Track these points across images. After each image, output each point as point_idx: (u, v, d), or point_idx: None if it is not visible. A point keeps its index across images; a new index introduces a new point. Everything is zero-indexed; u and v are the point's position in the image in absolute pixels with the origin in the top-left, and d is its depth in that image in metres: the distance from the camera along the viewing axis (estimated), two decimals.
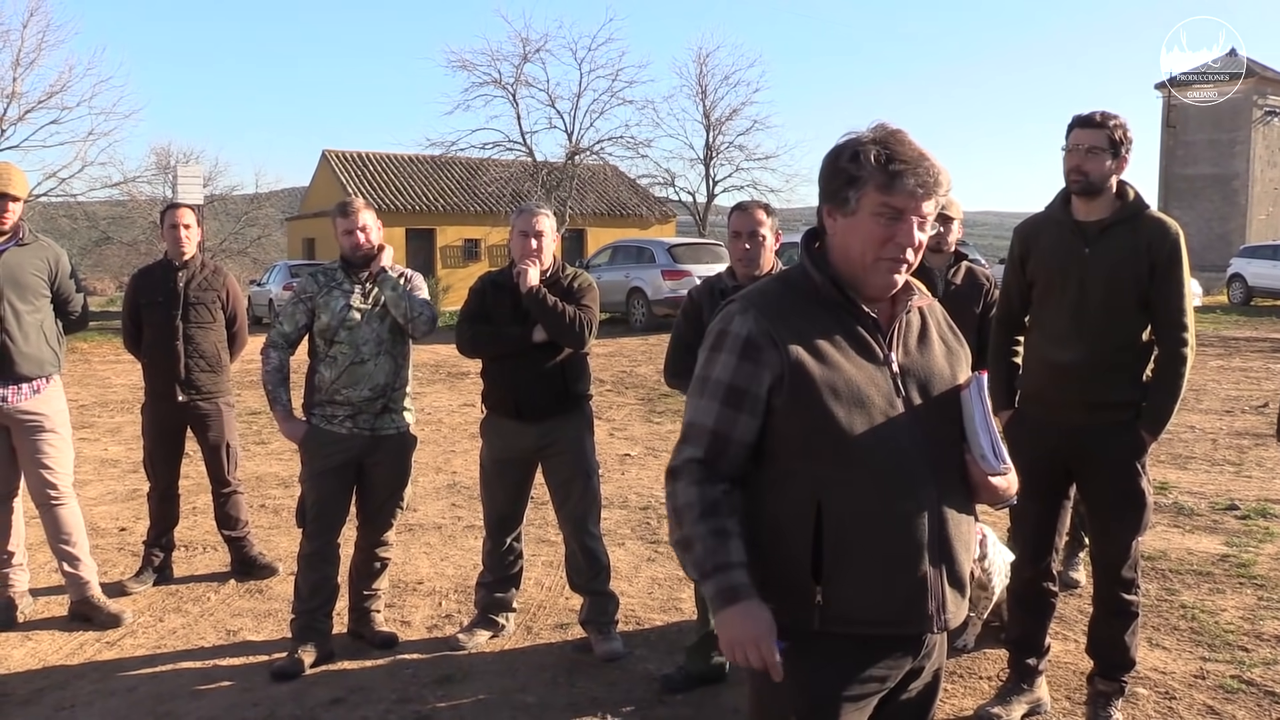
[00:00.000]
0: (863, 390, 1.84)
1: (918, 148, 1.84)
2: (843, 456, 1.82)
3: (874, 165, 1.81)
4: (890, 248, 1.84)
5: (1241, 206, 35.90)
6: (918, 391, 1.89)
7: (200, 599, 4.94)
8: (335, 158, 36.12)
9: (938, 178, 1.83)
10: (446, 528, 6.15)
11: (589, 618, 4.27)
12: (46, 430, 4.43)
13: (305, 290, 4.17)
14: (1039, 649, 3.65)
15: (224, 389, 5.20)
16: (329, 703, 3.77)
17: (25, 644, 4.35)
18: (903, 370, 1.90)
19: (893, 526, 1.83)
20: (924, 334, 1.97)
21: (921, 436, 1.86)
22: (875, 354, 1.88)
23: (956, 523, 1.89)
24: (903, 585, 1.84)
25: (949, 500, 1.88)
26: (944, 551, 1.86)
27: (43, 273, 4.42)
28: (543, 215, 4.18)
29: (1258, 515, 6.02)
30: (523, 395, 4.10)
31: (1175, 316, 3.34)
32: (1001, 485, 1.91)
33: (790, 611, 1.84)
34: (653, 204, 37.65)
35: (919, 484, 1.85)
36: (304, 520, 4.16)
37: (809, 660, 1.86)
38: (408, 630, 4.47)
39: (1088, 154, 3.31)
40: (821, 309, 1.90)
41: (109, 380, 13.91)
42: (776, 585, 1.86)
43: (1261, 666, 3.95)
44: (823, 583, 1.82)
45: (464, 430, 9.36)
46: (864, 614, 1.84)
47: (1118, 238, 3.35)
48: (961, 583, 1.91)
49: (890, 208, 1.82)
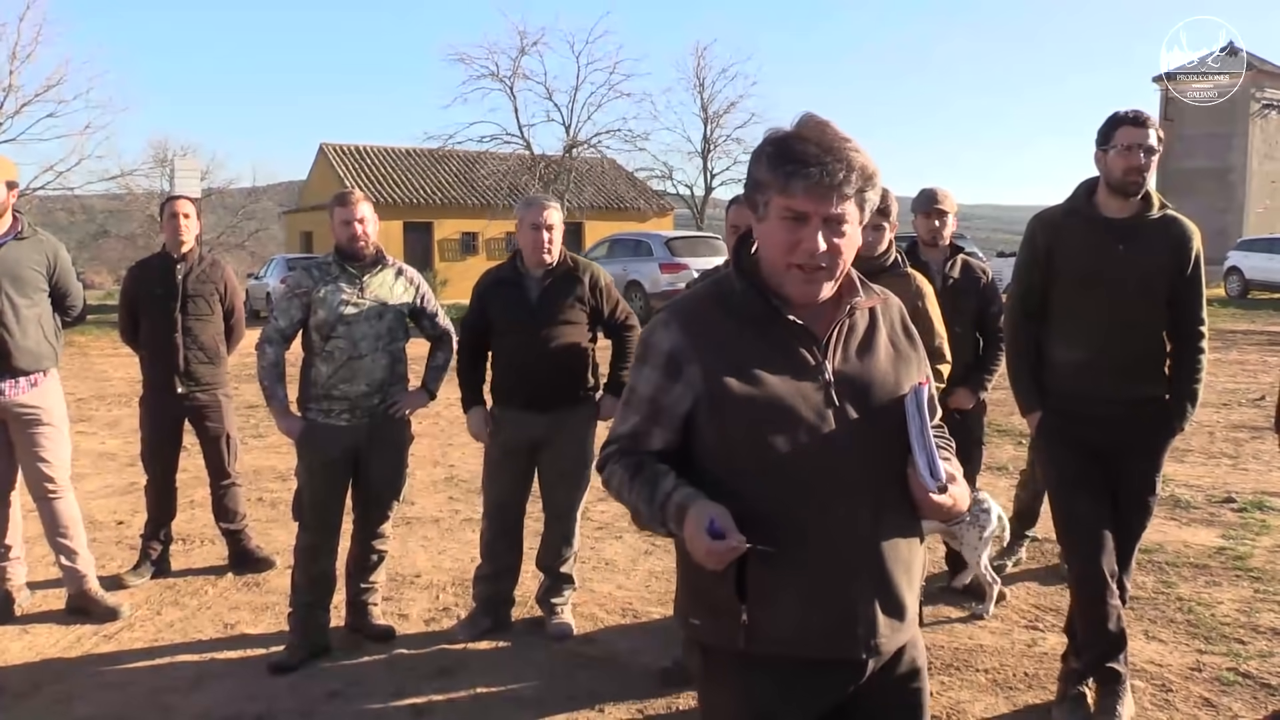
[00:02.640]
0: (787, 404, 1.74)
1: (823, 142, 1.70)
2: (765, 472, 1.73)
3: (768, 167, 1.72)
4: (798, 253, 1.73)
5: (1239, 200, 35.97)
6: (854, 403, 1.77)
7: (198, 592, 4.94)
8: (333, 151, 36.08)
9: (838, 174, 1.68)
10: (444, 521, 6.15)
11: (545, 596, 4.39)
12: (44, 424, 4.43)
13: (300, 285, 4.15)
14: (1117, 651, 3.49)
15: (222, 381, 5.20)
16: (326, 696, 3.77)
17: (22, 637, 4.35)
18: (838, 380, 1.78)
19: (816, 545, 1.73)
20: (869, 338, 1.85)
21: (855, 451, 1.75)
22: (804, 365, 1.78)
23: (893, 543, 1.78)
24: (827, 607, 1.75)
25: (885, 518, 1.77)
26: (877, 572, 1.76)
27: (41, 267, 4.41)
28: (552, 208, 4.19)
29: (1254, 508, 6.03)
30: (534, 387, 4.11)
31: (1198, 313, 3.47)
32: (945, 503, 1.74)
33: (717, 631, 1.81)
34: (650, 197, 37.66)
35: (848, 501, 1.74)
36: (301, 513, 4.15)
37: (738, 680, 1.82)
38: (405, 623, 4.48)
39: (1145, 153, 3.32)
40: (748, 318, 1.80)
41: (107, 374, 13.89)
42: (704, 601, 1.82)
43: (1258, 659, 3.96)
44: (747, 602, 1.75)
45: (461, 424, 9.26)
46: (788, 635, 1.76)
47: (1151, 236, 3.39)
48: (898, 607, 1.80)
49: (790, 210, 1.71)
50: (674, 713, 3.64)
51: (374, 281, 4.15)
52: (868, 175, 1.73)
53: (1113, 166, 3.36)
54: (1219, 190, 36.08)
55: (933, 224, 4.64)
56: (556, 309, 4.15)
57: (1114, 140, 3.35)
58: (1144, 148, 3.30)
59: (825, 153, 1.69)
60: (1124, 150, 3.32)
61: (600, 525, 5.95)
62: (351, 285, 4.11)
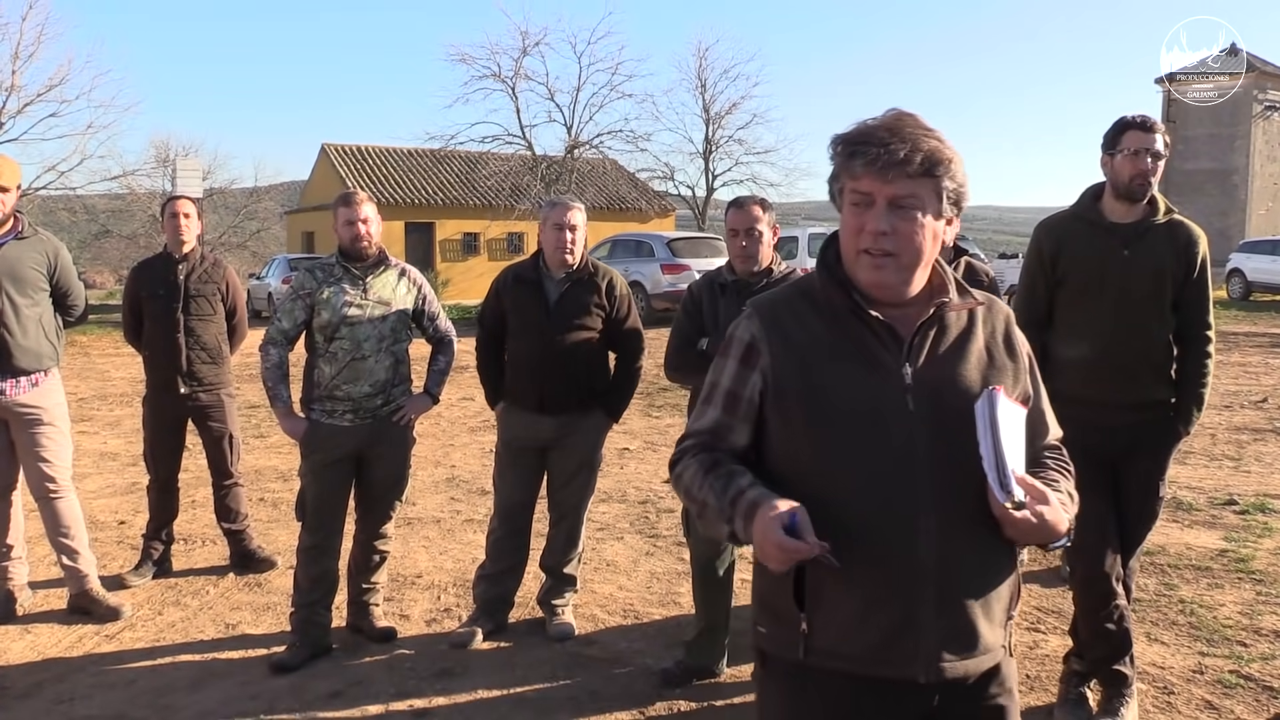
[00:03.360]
0: (855, 403, 1.68)
1: (894, 127, 1.66)
2: (826, 473, 1.68)
3: (836, 150, 1.70)
4: (863, 237, 1.68)
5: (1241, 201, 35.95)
6: (933, 408, 1.68)
7: (199, 592, 4.94)
8: (334, 151, 36.09)
9: (899, 153, 1.62)
10: (445, 521, 6.15)
11: (546, 596, 4.39)
12: (45, 423, 4.43)
13: (303, 286, 4.14)
14: (1123, 653, 3.47)
15: (225, 380, 5.20)
16: (327, 696, 3.77)
17: (24, 637, 4.35)
18: (917, 382, 1.69)
19: (872, 553, 1.65)
20: (962, 343, 1.75)
21: (927, 459, 1.66)
22: (881, 364, 1.70)
23: (966, 561, 1.68)
24: (883, 622, 1.67)
25: (958, 533, 1.66)
26: (942, 590, 1.66)
27: (42, 266, 4.41)
28: (576, 209, 4.19)
29: (1256, 510, 6.02)
30: (546, 390, 4.12)
31: (1204, 317, 3.47)
32: (1022, 520, 1.62)
33: (778, 639, 1.77)
34: (652, 198, 37.66)
35: (913, 511, 1.65)
36: (303, 514, 4.15)
37: (796, 690, 1.77)
38: (407, 624, 4.47)
39: (1152, 157, 3.32)
40: (829, 314, 1.75)
41: (108, 373, 13.90)
42: (769, 608, 1.79)
43: (1260, 661, 3.95)
44: (806, 610, 1.71)
45: (463, 424, 9.37)
46: (843, 648, 1.69)
47: (1156, 240, 3.40)
48: (967, 630, 1.68)
49: (856, 193, 1.68)
50: (675, 714, 3.63)
51: (377, 282, 4.15)
52: (938, 159, 1.65)
53: (1119, 171, 3.36)
54: (1221, 192, 36.07)
55: None
56: (573, 313, 4.14)
57: (1120, 145, 3.35)
58: (1150, 152, 3.30)
59: (891, 135, 1.64)
60: (1130, 155, 3.31)
61: (602, 526, 5.94)
62: (355, 286, 4.10)
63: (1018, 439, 1.68)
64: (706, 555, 3.79)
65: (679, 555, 5.22)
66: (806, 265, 18.45)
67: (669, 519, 5.98)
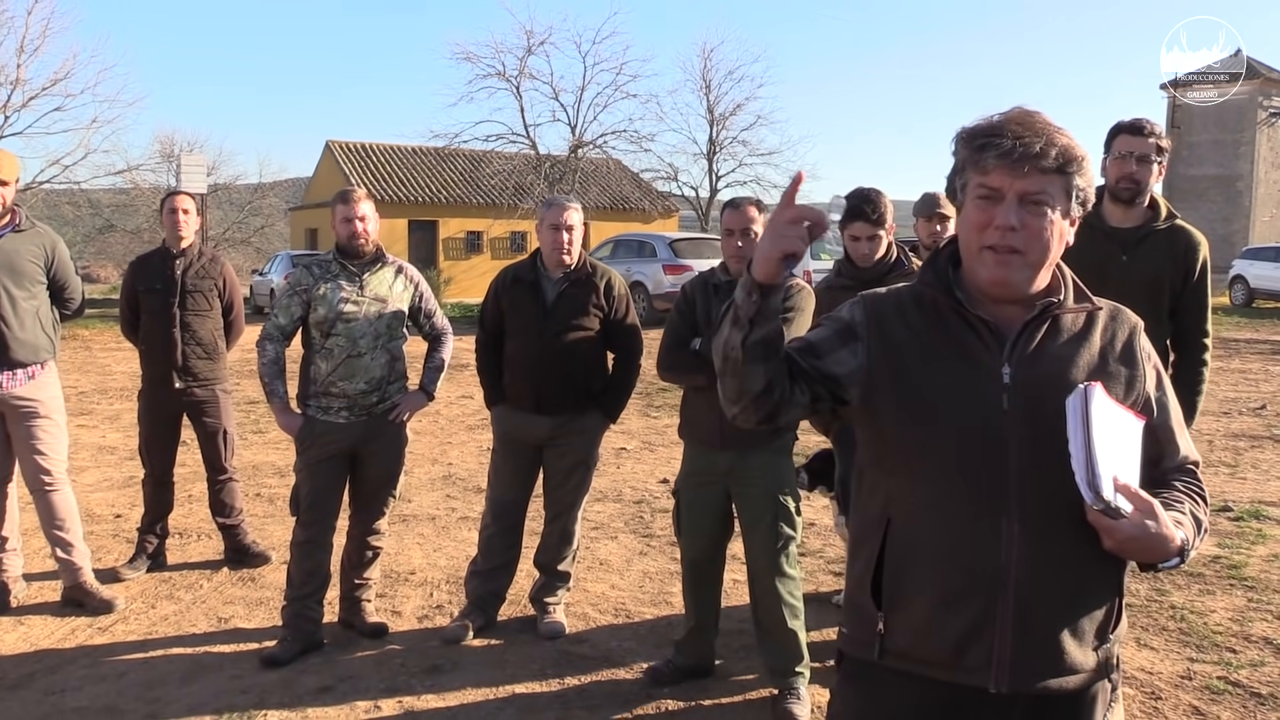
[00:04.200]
0: (947, 400, 1.65)
1: (1025, 121, 1.62)
2: (914, 471, 1.67)
3: (965, 143, 1.66)
4: (989, 233, 1.62)
5: (1245, 208, 35.88)
6: (1032, 409, 1.62)
7: (193, 586, 4.95)
8: (339, 148, 36.12)
9: (1034, 147, 1.59)
10: (440, 519, 6.16)
11: (539, 594, 4.41)
12: (41, 416, 4.44)
13: (300, 283, 4.16)
14: None
15: (220, 376, 5.22)
16: (317, 690, 3.78)
17: (17, 628, 4.37)
18: (1017, 383, 1.64)
19: (950, 555, 1.62)
20: (1074, 346, 1.69)
21: (1019, 461, 1.61)
22: (979, 362, 1.66)
23: (1052, 569, 1.61)
24: (954, 625, 1.62)
25: (1044, 540, 1.60)
26: (1020, 597, 1.60)
27: (39, 259, 4.43)
28: (573, 209, 4.21)
29: (1251, 517, 6.03)
30: (543, 390, 4.14)
31: (1202, 323, 3.49)
32: (1115, 528, 1.54)
33: (856, 640, 1.76)
34: (656, 198, 37.66)
35: (996, 513, 1.60)
36: (298, 508, 4.17)
37: (869, 692, 1.76)
38: (399, 620, 4.49)
39: (1139, 162, 3.34)
40: (932, 313, 1.73)
41: (109, 367, 13.93)
42: (851, 608, 1.78)
43: (1249, 668, 3.95)
44: (884, 610, 1.69)
45: (461, 422, 9.38)
46: (916, 651, 1.67)
47: (1155, 245, 3.42)
48: (1047, 642, 1.62)
49: (985, 187, 1.63)
50: (662, 713, 3.64)
51: (374, 280, 4.17)
52: (1071, 155, 1.62)
53: (1109, 173, 3.41)
54: (1226, 198, 36.00)
55: (934, 228, 4.68)
56: (570, 314, 4.16)
57: (1113, 148, 3.40)
58: (1137, 156, 3.32)
59: (1024, 129, 1.60)
60: (1119, 158, 3.37)
61: (596, 525, 5.96)
62: (351, 283, 4.12)
63: (1123, 445, 1.60)
64: (696, 555, 3.80)
65: (672, 555, 5.23)
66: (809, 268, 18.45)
67: (664, 519, 5.99)
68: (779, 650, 3.64)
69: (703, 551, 3.79)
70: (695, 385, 3.68)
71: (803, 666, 3.64)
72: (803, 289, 3.70)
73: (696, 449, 3.75)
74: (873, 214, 3.89)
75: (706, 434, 3.63)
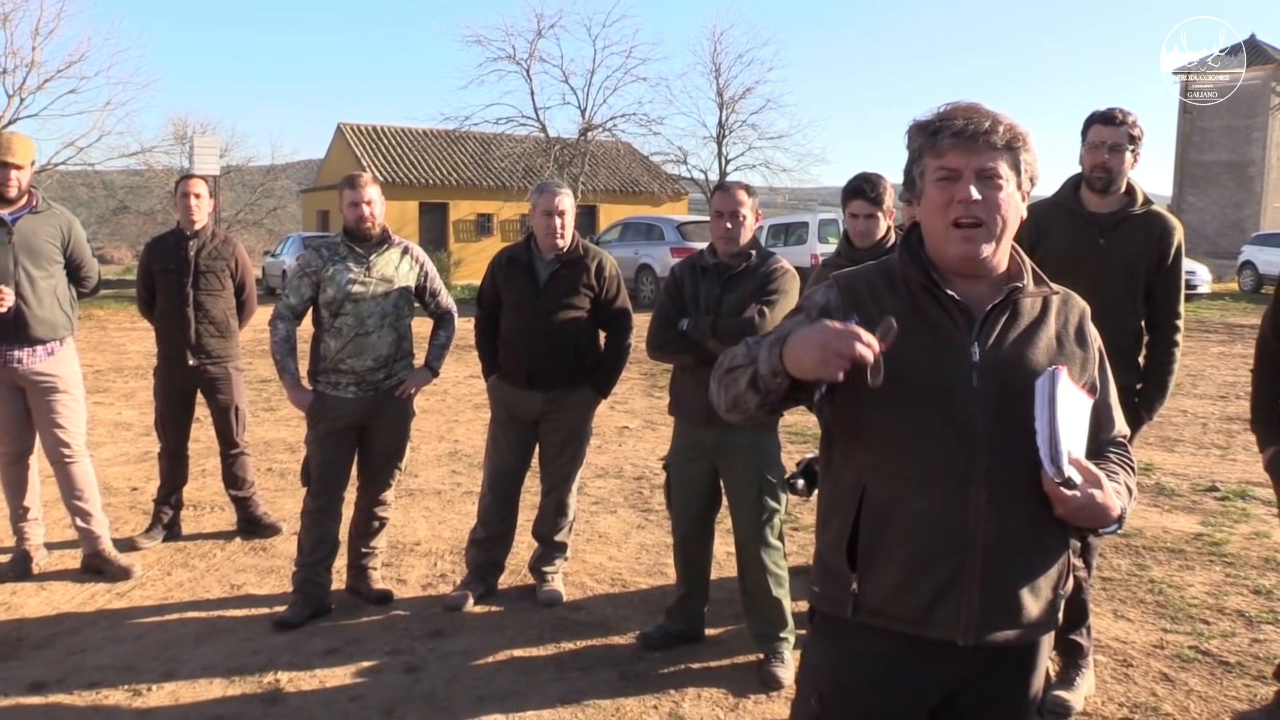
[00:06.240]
0: (921, 377, 1.76)
1: (970, 107, 1.79)
2: (889, 442, 1.79)
3: (919, 131, 1.80)
4: (953, 209, 1.76)
5: (1256, 193, 35.71)
6: (997, 387, 1.76)
7: (206, 555, 5.15)
8: (350, 130, 36.26)
9: (984, 124, 1.74)
10: (446, 493, 6.34)
11: (537, 563, 4.58)
12: (60, 391, 4.62)
13: (310, 264, 4.33)
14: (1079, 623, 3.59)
15: (233, 354, 5.39)
16: (325, 652, 3.97)
17: (40, 593, 4.57)
18: (985, 361, 1.77)
19: (924, 521, 1.76)
20: (1034, 330, 1.84)
21: (987, 434, 1.75)
22: (951, 340, 1.79)
23: (1014, 535, 1.76)
24: (927, 584, 1.77)
25: (1010, 508, 1.75)
26: (986, 560, 1.75)
27: (56, 240, 4.60)
28: (564, 194, 4.36)
29: (1237, 497, 6.16)
30: (535, 366, 4.29)
31: (1175, 306, 3.61)
32: (1070, 499, 1.71)
33: (830, 598, 1.88)
34: (665, 181, 37.73)
35: (966, 481, 1.74)
36: (308, 479, 4.35)
37: (842, 645, 1.88)
38: (403, 588, 4.67)
39: (1111, 151, 3.47)
40: (906, 293, 1.84)
41: (124, 346, 14.15)
42: (823, 569, 1.90)
43: (1220, 639, 4.10)
44: (857, 570, 1.82)
45: (468, 401, 9.55)
46: (889, 609, 1.80)
47: (1131, 230, 3.55)
48: (1009, 602, 1.78)
49: (943, 169, 1.77)
50: (654, 675, 3.81)
51: (380, 261, 4.33)
52: (1016, 133, 1.77)
53: (1084, 161, 3.55)
54: (1237, 184, 35.82)
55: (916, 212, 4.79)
56: (561, 292, 4.31)
57: (1087, 137, 3.54)
58: (1110, 145, 3.46)
59: (972, 112, 1.76)
60: (1091, 147, 3.50)
61: (596, 500, 6.13)
62: (359, 264, 4.28)
63: (1077, 423, 1.75)
64: (685, 526, 3.96)
65: (669, 529, 5.37)
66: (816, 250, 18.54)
67: (662, 494, 6.14)
68: (764, 616, 3.81)
69: (692, 523, 3.95)
70: (683, 364, 3.83)
71: (787, 632, 3.81)
72: (787, 271, 3.84)
73: (685, 425, 3.90)
74: (871, 193, 4.03)
75: (694, 411, 3.77)
